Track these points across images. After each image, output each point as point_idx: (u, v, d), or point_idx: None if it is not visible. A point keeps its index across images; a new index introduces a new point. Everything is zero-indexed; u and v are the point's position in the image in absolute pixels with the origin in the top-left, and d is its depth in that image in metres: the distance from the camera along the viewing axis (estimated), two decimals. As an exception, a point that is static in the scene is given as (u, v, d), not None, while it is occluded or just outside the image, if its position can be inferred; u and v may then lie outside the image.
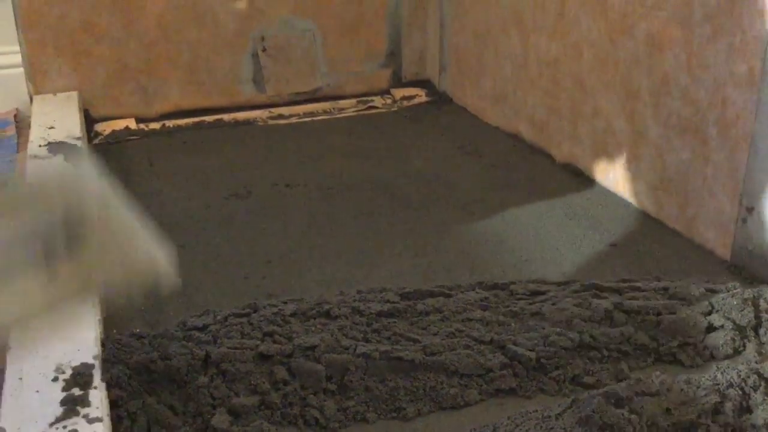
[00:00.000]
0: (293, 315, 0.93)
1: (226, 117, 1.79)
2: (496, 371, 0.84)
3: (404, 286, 1.02)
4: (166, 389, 0.82)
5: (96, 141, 1.66)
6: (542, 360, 0.85)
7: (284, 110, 1.85)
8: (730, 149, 1.06)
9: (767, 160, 1.00)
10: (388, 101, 1.94)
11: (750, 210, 1.04)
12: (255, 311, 0.94)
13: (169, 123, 1.75)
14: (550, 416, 0.73)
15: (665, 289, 0.98)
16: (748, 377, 0.77)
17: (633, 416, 0.69)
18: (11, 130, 1.61)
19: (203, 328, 0.91)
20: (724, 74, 1.05)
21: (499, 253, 1.15)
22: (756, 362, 0.82)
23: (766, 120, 0.99)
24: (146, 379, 0.82)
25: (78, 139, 1.48)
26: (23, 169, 1.37)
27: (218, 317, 0.93)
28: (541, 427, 0.71)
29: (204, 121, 1.77)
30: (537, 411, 0.75)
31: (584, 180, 1.39)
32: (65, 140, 1.46)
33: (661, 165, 1.20)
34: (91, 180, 0.76)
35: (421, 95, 1.96)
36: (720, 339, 0.88)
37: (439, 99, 1.92)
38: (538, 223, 1.25)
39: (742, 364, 0.81)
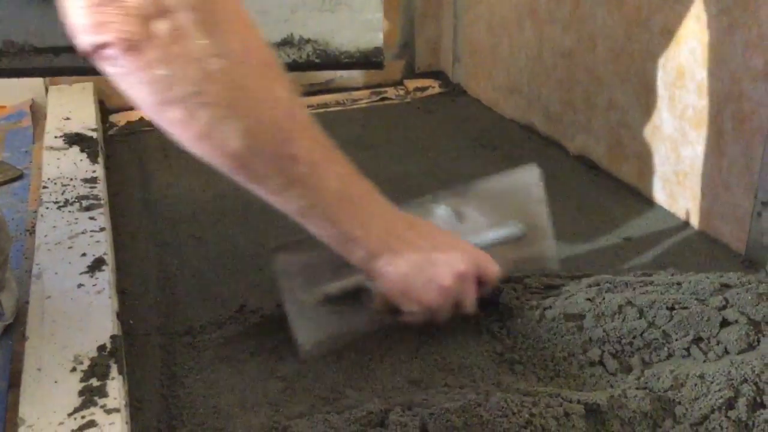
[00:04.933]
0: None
1: (240, 108, 1.80)
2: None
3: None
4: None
5: (111, 132, 1.67)
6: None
7: (298, 101, 1.85)
8: (745, 143, 1.06)
9: (783, 155, 1.00)
10: (402, 92, 1.94)
11: (765, 204, 1.03)
12: None
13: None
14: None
15: (679, 283, 0.98)
16: (762, 372, 0.77)
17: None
18: (27, 121, 1.63)
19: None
20: (740, 68, 1.05)
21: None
22: None
23: (782, 114, 0.99)
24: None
25: (94, 130, 1.49)
26: (39, 160, 1.38)
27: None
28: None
29: (218, 112, 1.77)
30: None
31: (598, 172, 1.39)
32: (81, 131, 1.48)
33: (676, 158, 1.20)
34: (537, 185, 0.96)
35: (434, 86, 1.96)
36: (734, 334, 0.88)
37: (453, 90, 1.92)
38: (552, 214, 1.24)
39: (756, 359, 0.81)
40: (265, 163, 0.67)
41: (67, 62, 1.03)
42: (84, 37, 0.59)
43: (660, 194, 1.25)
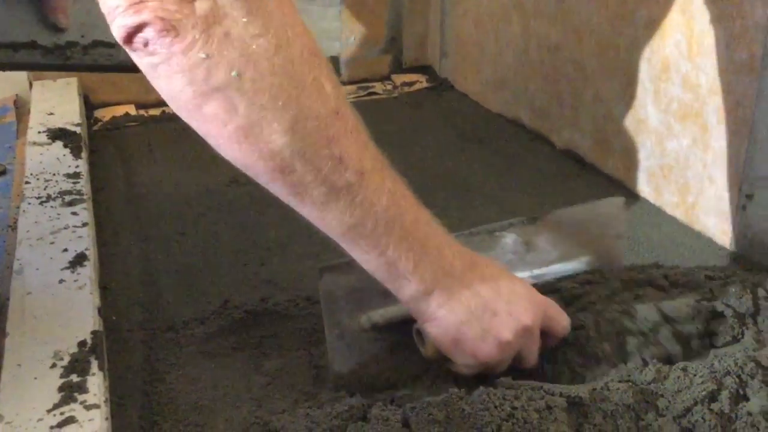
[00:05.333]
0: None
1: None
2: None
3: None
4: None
5: (96, 127, 1.66)
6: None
7: (284, 96, 1.84)
8: (730, 136, 1.06)
9: (766, 147, 1.00)
10: (389, 87, 1.94)
11: (750, 197, 1.03)
12: None
13: (169, 109, 1.73)
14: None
15: (665, 276, 0.97)
16: (746, 365, 0.76)
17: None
18: (11, 116, 1.61)
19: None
20: (724, 61, 1.05)
21: (498, 240, 1.15)
22: (754, 350, 0.82)
23: (765, 107, 0.99)
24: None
25: (77, 125, 1.48)
26: (23, 156, 1.37)
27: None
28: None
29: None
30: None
31: (584, 166, 1.39)
32: (64, 126, 1.46)
33: (661, 152, 1.20)
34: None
35: (422, 81, 1.95)
36: (719, 326, 0.88)
37: (440, 85, 1.91)
38: (537, 209, 1.24)
39: (740, 351, 0.81)
40: (308, 166, 0.59)
41: (26, 58, 1.02)
42: (120, 20, 0.55)
43: (645, 188, 1.25)
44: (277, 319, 0.95)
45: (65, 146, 1.38)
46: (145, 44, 0.55)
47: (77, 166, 1.29)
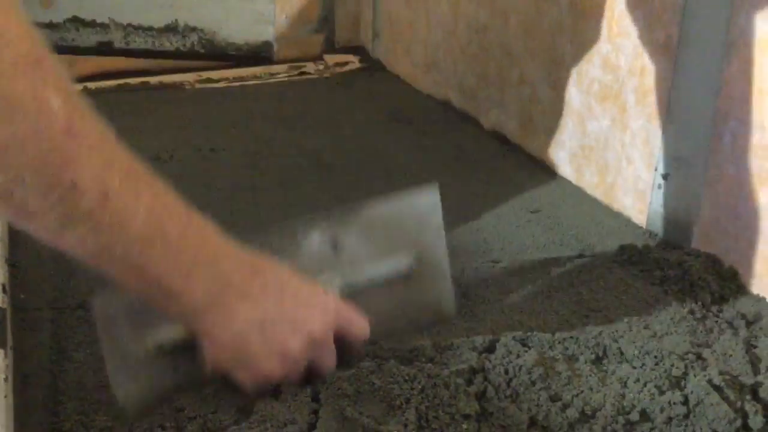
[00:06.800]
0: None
1: (152, 80, 1.75)
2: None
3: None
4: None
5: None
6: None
7: (213, 74, 1.81)
8: (647, 117, 1.07)
9: (682, 128, 1.02)
10: (321, 67, 1.92)
11: (665, 177, 1.05)
12: None
13: (92, 85, 1.69)
14: None
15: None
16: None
17: None
18: None
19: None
20: (643, 41, 1.06)
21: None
22: None
23: (681, 88, 1.01)
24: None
25: None
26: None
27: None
28: None
29: (128, 83, 1.72)
30: None
31: (511, 147, 1.40)
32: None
33: (582, 132, 1.21)
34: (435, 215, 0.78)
35: (354, 62, 1.94)
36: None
37: (372, 66, 1.91)
38: (462, 189, 1.25)
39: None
40: (32, 194, 0.49)
41: None
42: None
43: (567, 168, 1.27)
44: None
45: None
46: None
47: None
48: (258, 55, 1.63)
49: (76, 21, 1.76)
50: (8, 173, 0.48)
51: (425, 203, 0.79)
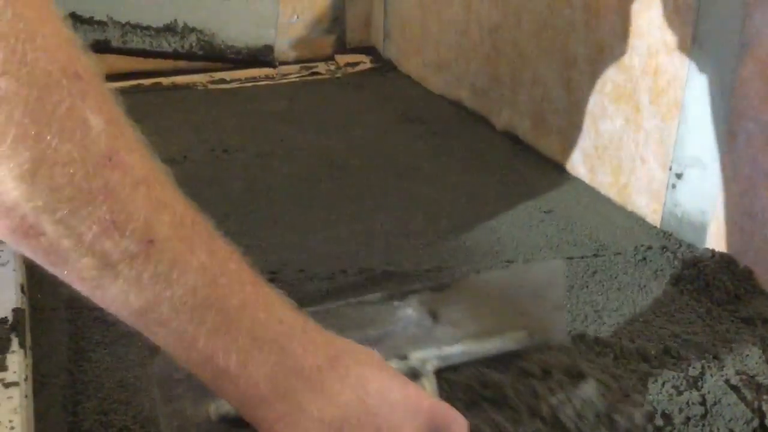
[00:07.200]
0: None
1: (164, 81, 1.76)
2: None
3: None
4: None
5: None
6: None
7: (225, 75, 1.82)
8: (661, 117, 1.07)
9: (696, 128, 1.01)
10: (332, 68, 1.92)
11: (679, 176, 1.05)
12: None
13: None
14: None
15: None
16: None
17: None
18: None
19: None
20: (656, 42, 1.06)
21: (435, 220, 1.15)
22: None
23: (695, 88, 1.01)
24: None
25: None
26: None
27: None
28: None
29: (141, 84, 1.73)
30: None
31: (523, 147, 1.40)
32: None
33: (596, 132, 1.21)
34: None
35: (365, 62, 1.94)
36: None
37: (384, 66, 1.91)
38: (474, 190, 1.25)
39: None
40: (62, 229, 0.42)
41: None
42: None
43: (581, 168, 1.27)
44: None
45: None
46: None
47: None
48: (257, 59, 1.62)
49: (74, 18, 1.75)
50: (36, 201, 0.41)
51: (545, 275, 0.70)
